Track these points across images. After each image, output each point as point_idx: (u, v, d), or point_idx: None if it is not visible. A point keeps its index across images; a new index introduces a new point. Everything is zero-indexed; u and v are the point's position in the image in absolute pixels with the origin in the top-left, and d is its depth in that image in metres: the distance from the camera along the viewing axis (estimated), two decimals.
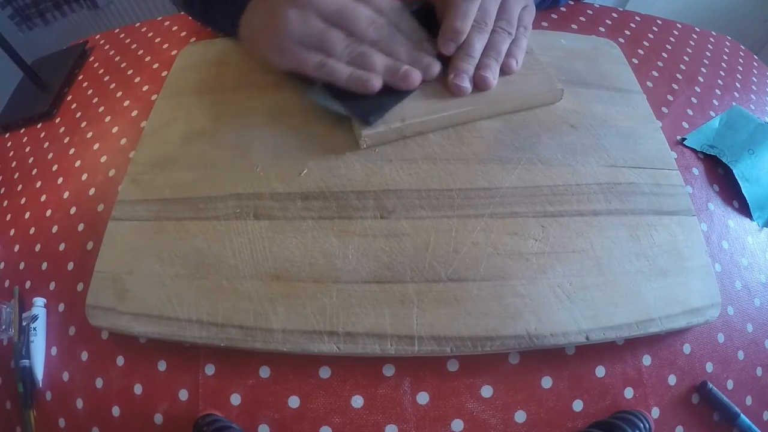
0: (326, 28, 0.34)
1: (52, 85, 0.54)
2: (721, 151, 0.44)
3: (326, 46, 0.35)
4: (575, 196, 0.36)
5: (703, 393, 0.34)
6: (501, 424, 0.32)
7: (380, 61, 0.35)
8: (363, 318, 0.32)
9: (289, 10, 0.34)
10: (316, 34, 0.34)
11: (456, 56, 0.39)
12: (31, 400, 0.36)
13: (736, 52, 0.57)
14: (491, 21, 0.38)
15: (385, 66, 0.35)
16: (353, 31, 0.35)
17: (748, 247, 0.40)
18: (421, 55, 0.37)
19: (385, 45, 0.36)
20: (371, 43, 0.35)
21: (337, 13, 0.34)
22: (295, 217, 0.35)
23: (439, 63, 0.37)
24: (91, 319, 0.34)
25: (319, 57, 0.35)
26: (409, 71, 0.35)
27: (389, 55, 0.36)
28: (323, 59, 0.35)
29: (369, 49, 0.35)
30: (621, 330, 0.32)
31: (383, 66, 0.35)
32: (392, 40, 0.36)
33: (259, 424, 0.33)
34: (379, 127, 0.37)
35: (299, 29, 0.34)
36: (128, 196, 0.38)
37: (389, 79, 0.36)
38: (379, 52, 0.36)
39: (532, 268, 0.33)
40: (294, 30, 0.34)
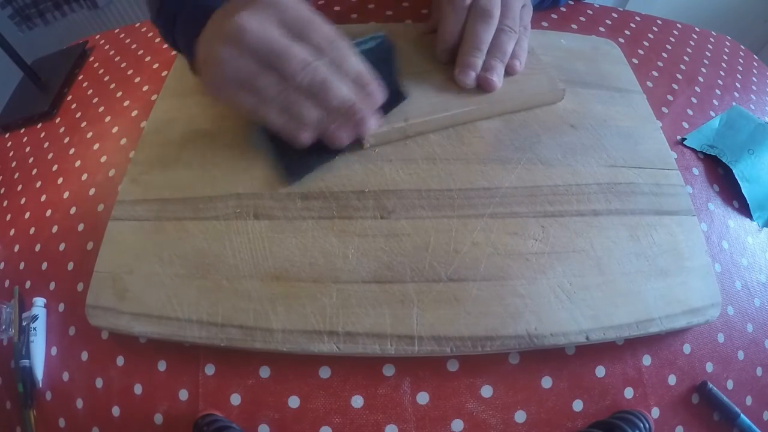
0: (258, 71, 0.31)
1: (52, 85, 0.54)
2: (721, 151, 0.44)
3: (258, 90, 0.32)
4: (575, 196, 0.36)
5: (703, 393, 0.34)
6: (501, 424, 0.32)
7: (309, 114, 0.33)
8: (363, 318, 0.32)
9: (223, 49, 0.31)
10: (248, 77, 0.31)
11: (462, 50, 0.38)
12: (31, 400, 0.36)
13: (736, 52, 0.57)
14: (497, 15, 0.38)
15: (315, 120, 0.33)
16: (284, 74, 0.31)
17: (748, 247, 0.40)
18: (356, 108, 0.33)
19: (317, 92, 0.32)
20: (304, 88, 0.32)
21: (268, 53, 0.31)
22: (295, 217, 0.35)
23: (377, 117, 0.35)
24: (91, 319, 0.34)
25: (252, 100, 0.33)
26: (334, 132, 0.34)
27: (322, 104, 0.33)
28: (256, 103, 0.33)
29: (299, 98, 0.32)
30: (621, 330, 0.32)
31: (312, 120, 0.33)
32: (324, 87, 0.32)
33: (259, 424, 0.33)
34: (381, 127, 0.37)
35: (232, 70, 0.31)
36: (128, 196, 0.38)
37: (320, 135, 0.34)
38: (311, 103, 0.32)
39: (532, 268, 0.33)
40: (227, 70, 0.32)
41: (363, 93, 0.33)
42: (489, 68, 0.38)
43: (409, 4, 0.53)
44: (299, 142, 0.34)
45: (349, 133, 0.34)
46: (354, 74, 0.33)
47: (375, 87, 0.34)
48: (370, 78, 0.34)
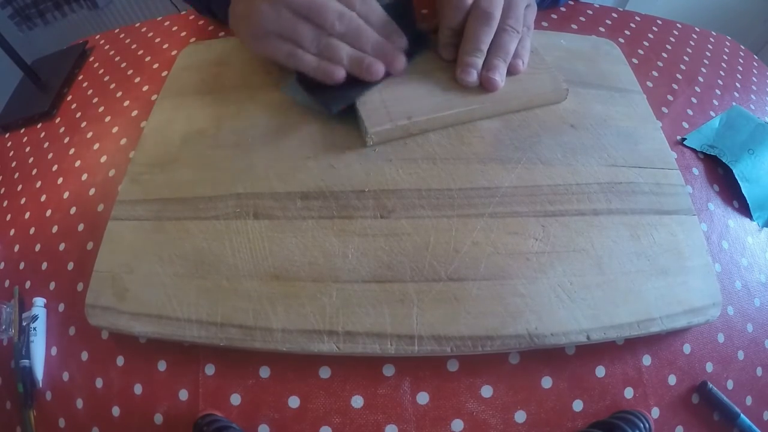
0: (296, 20, 0.36)
1: (52, 85, 0.54)
2: (721, 151, 0.44)
3: (295, 38, 0.36)
4: (575, 195, 0.36)
5: (703, 393, 0.34)
6: (501, 424, 0.32)
7: (345, 53, 0.37)
8: (363, 317, 0.32)
9: (262, 4, 0.36)
10: (286, 26, 0.36)
11: (463, 51, 0.39)
12: (31, 400, 0.36)
13: (736, 52, 0.57)
14: (498, 15, 0.38)
15: (350, 57, 0.37)
16: (321, 24, 0.36)
17: (748, 247, 0.40)
18: (387, 48, 0.38)
19: (352, 38, 0.37)
20: (339, 35, 0.37)
21: (307, 7, 0.35)
22: (295, 216, 0.35)
23: (404, 56, 0.39)
24: (91, 319, 0.34)
25: (288, 47, 0.37)
26: (372, 63, 0.37)
27: (356, 48, 0.37)
28: (292, 49, 0.37)
29: (335, 41, 0.37)
30: (622, 329, 0.32)
31: (348, 57, 0.37)
32: (359, 33, 0.37)
33: (259, 424, 0.33)
34: (385, 125, 0.37)
35: (271, 21, 0.36)
36: (128, 196, 0.38)
37: (354, 70, 0.37)
38: (345, 44, 0.37)
39: (533, 268, 0.33)
40: (266, 22, 0.36)
41: (390, 39, 0.38)
42: (491, 67, 0.39)
43: None
44: (334, 77, 0.37)
45: (382, 66, 0.37)
46: (380, 24, 0.38)
47: (400, 34, 0.39)
48: (395, 27, 0.39)
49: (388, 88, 0.39)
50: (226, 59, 0.46)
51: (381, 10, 0.39)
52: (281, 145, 0.39)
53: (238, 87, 0.43)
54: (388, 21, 0.39)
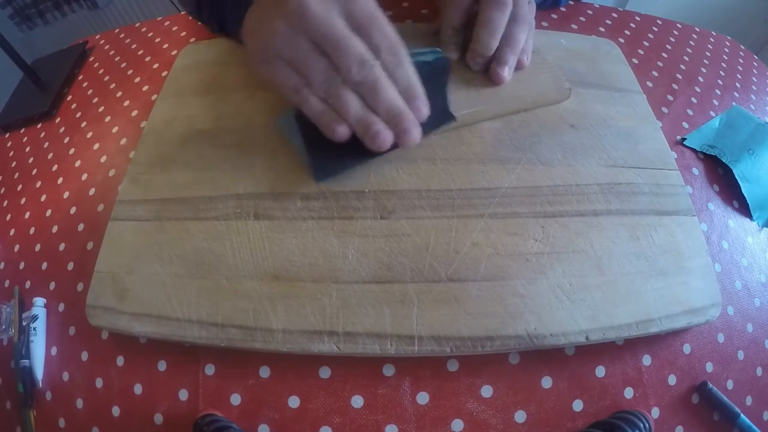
0: (310, 52, 0.31)
1: (52, 85, 0.54)
2: (721, 151, 0.44)
3: (305, 72, 0.31)
4: (575, 196, 0.36)
5: (703, 393, 0.34)
6: (501, 424, 0.32)
7: (354, 110, 0.32)
8: (363, 318, 0.32)
9: (279, 22, 0.30)
10: (299, 56, 0.31)
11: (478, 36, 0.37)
12: (31, 400, 0.36)
13: (736, 52, 0.57)
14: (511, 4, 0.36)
15: (358, 117, 0.32)
16: (338, 64, 0.31)
17: (748, 247, 0.40)
18: (403, 116, 0.32)
19: (367, 91, 0.31)
20: (354, 84, 0.31)
21: (327, 40, 0.30)
22: (295, 217, 0.35)
23: (420, 130, 0.33)
24: (91, 319, 0.34)
25: (296, 80, 0.32)
26: (379, 131, 0.32)
27: (369, 104, 0.32)
28: (299, 85, 0.32)
29: (347, 92, 0.31)
30: (621, 330, 0.32)
31: (356, 116, 0.32)
32: (376, 88, 0.31)
33: (259, 424, 0.33)
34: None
35: (283, 45, 0.31)
36: (128, 196, 0.38)
37: (358, 131, 0.32)
38: (358, 99, 0.32)
39: (532, 268, 0.33)
40: (278, 44, 0.31)
41: (410, 105, 0.33)
42: (502, 61, 0.37)
43: (409, 4, 0.52)
44: (335, 134, 0.32)
45: (391, 137, 0.32)
46: (405, 83, 0.32)
47: (423, 102, 0.33)
48: (420, 91, 0.33)
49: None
50: (226, 59, 0.46)
51: (410, 67, 0.32)
52: (281, 146, 0.39)
53: (238, 87, 0.43)
54: (414, 82, 0.33)
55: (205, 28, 0.52)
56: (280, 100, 0.41)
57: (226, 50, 0.47)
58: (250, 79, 0.44)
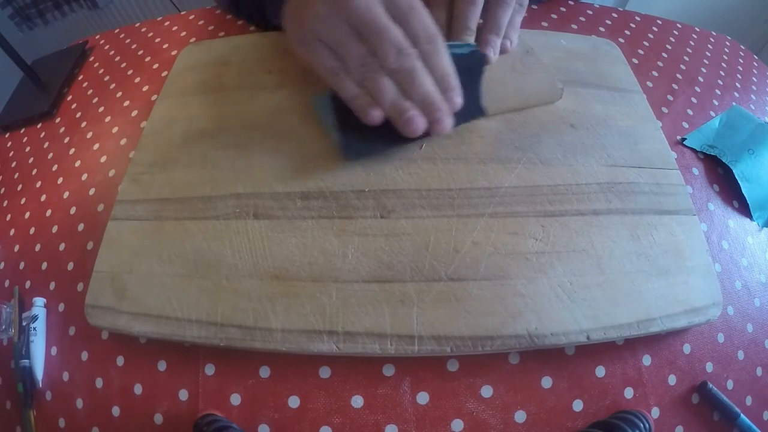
0: (350, 37, 0.32)
1: (52, 85, 0.54)
2: (721, 151, 0.44)
3: (343, 55, 0.32)
4: (575, 195, 0.36)
5: (703, 393, 0.34)
6: (501, 424, 0.32)
7: (389, 95, 0.32)
8: (363, 317, 0.32)
9: (321, 5, 0.31)
10: (338, 39, 0.32)
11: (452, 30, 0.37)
12: (31, 400, 0.36)
13: (736, 52, 0.57)
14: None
15: (393, 102, 0.33)
16: (376, 50, 0.31)
17: (748, 247, 0.40)
18: (437, 105, 0.33)
19: (403, 79, 0.32)
20: (390, 71, 0.32)
21: (367, 27, 0.31)
22: (295, 216, 0.35)
23: (452, 120, 0.34)
24: (91, 319, 0.34)
25: (333, 63, 0.33)
26: (413, 117, 0.32)
27: (404, 91, 0.33)
28: (337, 67, 0.33)
29: (383, 77, 0.32)
30: (622, 329, 0.32)
31: (391, 101, 0.32)
32: (413, 76, 0.32)
33: (259, 424, 0.33)
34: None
35: (323, 27, 0.32)
36: (128, 195, 0.38)
37: (392, 116, 0.33)
38: (393, 85, 0.32)
39: (533, 268, 0.33)
40: (318, 26, 0.32)
41: (444, 95, 0.33)
42: (486, 43, 0.37)
43: None
44: (368, 117, 0.33)
45: (424, 124, 0.33)
46: (441, 73, 0.33)
47: (457, 92, 0.34)
48: (455, 82, 0.34)
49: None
50: (226, 59, 0.46)
51: (446, 58, 0.33)
52: (281, 145, 0.39)
53: (238, 87, 0.43)
54: (450, 73, 0.33)
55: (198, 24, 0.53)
56: (281, 100, 0.41)
57: (226, 50, 0.47)
58: (250, 79, 0.44)
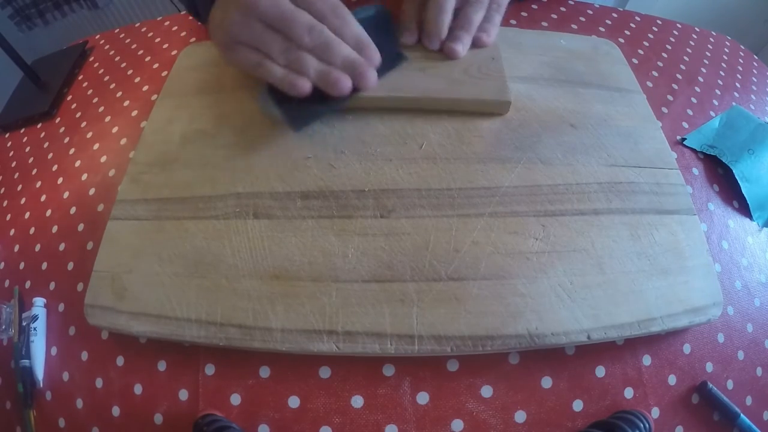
0: (265, 31, 0.35)
1: (52, 85, 0.54)
2: (721, 151, 0.44)
3: (264, 49, 0.36)
4: (576, 195, 0.36)
5: (703, 393, 0.34)
6: (501, 424, 0.32)
7: (312, 66, 0.36)
8: (362, 317, 0.32)
9: (235, 13, 0.35)
10: (256, 36, 0.35)
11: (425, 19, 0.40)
12: (31, 400, 0.36)
13: (736, 52, 0.57)
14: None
15: (317, 71, 0.36)
16: (291, 36, 0.35)
17: (748, 247, 0.40)
18: (357, 62, 0.36)
19: (322, 51, 0.36)
20: (308, 49, 0.36)
21: (277, 18, 0.35)
22: (295, 216, 0.35)
23: (375, 72, 0.37)
24: (90, 319, 0.34)
25: (257, 57, 0.36)
26: (338, 77, 0.35)
27: (325, 62, 0.36)
28: (261, 59, 0.36)
29: (304, 54, 0.36)
30: (622, 329, 0.32)
31: (315, 71, 0.36)
32: (329, 46, 0.36)
33: (259, 424, 0.33)
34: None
35: (240, 30, 0.35)
36: (128, 195, 0.38)
37: (320, 84, 0.36)
38: (314, 58, 0.36)
39: (533, 267, 0.33)
40: (237, 31, 0.36)
41: (362, 54, 0.37)
42: (454, 38, 0.40)
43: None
44: (297, 89, 0.35)
45: (349, 81, 0.36)
46: (354, 38, 0.37)
47: (373, 49, 0.37)
48: (369, 41, 0.37)
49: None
50: None
51: (355, 24, 0.37)
52: (281, 145, 0.39)
53: (238, 87, 0.43)
54: (362, 35, 0.37)
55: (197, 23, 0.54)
56: None
57: None
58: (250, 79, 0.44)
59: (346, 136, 0.39)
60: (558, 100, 0.42)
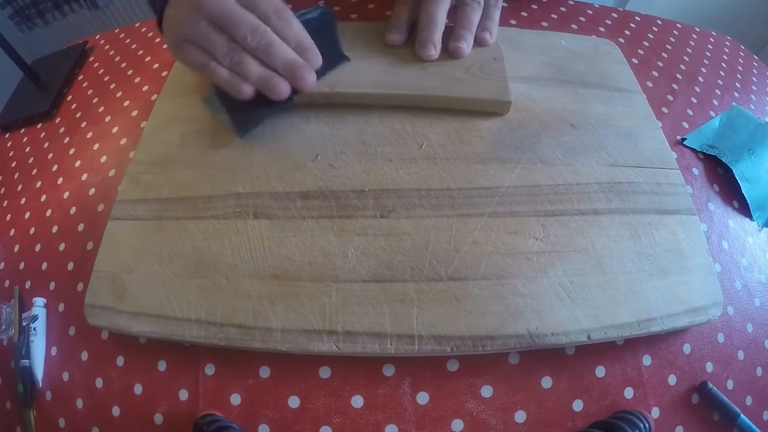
0: (211, 30, 0.35)
1: (52, 85, 0.54)
2: (721, 151, 0.44)
3: (209, 48, 0.36)
4: (576, 195, 0.36)
5: (703, 393, 0.34)
6: (501, 424, 0.32)
7: (254, 71, 0.36)
8: (362, 317, 0.32)
9: (183, 11, 0.36)
10: (202, 35, 0.35)
11: (419, 26, 0.41)
12: (31, 400, 0.36)
13: (736, 52, 0.57)
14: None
15: (258, 75, 0.36)
16: (234, 36, 0.35)
17: (748, 247, 0.40)
18: (297, 65, 0.36)
19: (263, 54, 0.36)
20: (251, 50, 0.36)
21: (222, 17, 0.35)
22: (295, 216, 0.35)
23: (313, 74, 0.37)
24: (90, 319, 0.34)
25: (202, 57, 0.36)
26: (277, 83, 0.36)
27: (267, 64, 0.36)
28: (206, 60, 0.36)
29: (245, 56, 0.36)
30: (622, 329, 0.32)
31: (256, 75, 0.36)
32: (270, 49, 0.36)
33: (259, 424, 0.33)
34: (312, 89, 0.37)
35: (189, 29, 0.36)
36: (128, 195, 0.38)
37: (261, 88, 0.36)
38: (256, 61, 0.36)
39: (533, 267, 0.33)
40: (185, 28, 0.36)
41: (303, 56, 0.37)
42: (457, 37, 0.40)
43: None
44: (240, 93, 0.36)
45: (287, 86, 0.36)
46: (296, 39, 0.37)
47: (314, 51, 0.38)
48: (310, 43, 0.38)
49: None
50: None
51: (298, 26, 0.37)
52: (281, 145, 0.39)
53: None
54: (304, 37, 0.37)
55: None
56: None
57: None
58: None
59: (346, 136, 0.39)
60: (558, 100, 0.42)
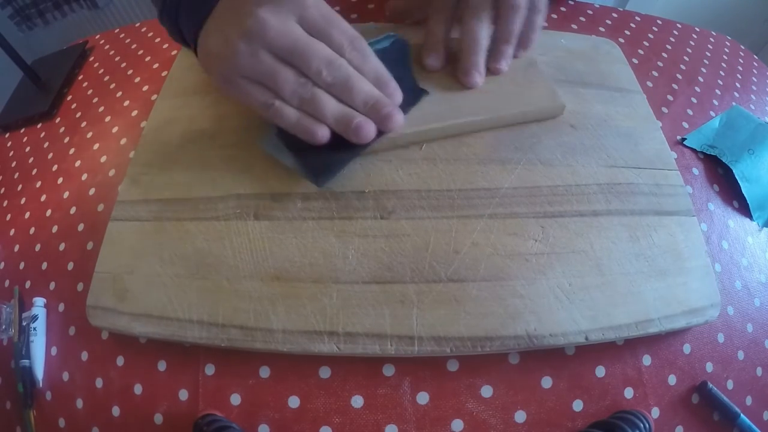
0: (276, 65, 0.31)
1: (52, 85, 0.54)
2: (721, 151, 0.44)
3: (274, 86, 0.31)
4: (575, 196, 0.36)
5: (703, 393, 0.34)
6: (501, 424, 0.32)
7: (331, 110, 0.32)
8: (363, 318, 0.32)
9: (240, 43, 0.30)
10: (265, 71, 0.31)
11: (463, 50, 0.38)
12: (31, 400, 0.36)
13: (736, 52, 0.57)
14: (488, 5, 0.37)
15: (336, 114, 0.32)
16: (306, 71, 0.31)
17: (748, 247, 0.40)
18: (381, 103, 0.32)
19: (341, 89, 0.32)
20: (325, 86, 0.31)
21: (291, 50, 0.30)
22: (296, 217, 0.35)
23: (401, 113, 0.33)
24: (91, 320, 0.34)
25: (266, 96, 0.32)
26: (362, 123, 0.32)
27: (344, 101, 0.32)
28: (271, 99, 0.32)
29: (321, 93, 0.31)
30: (620, 330, 0.32)
31: (334, 115, 0.32)
32: (349, 84, 0.32)
33: (259, 424, 0.33)
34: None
35: (247, 64, 0.31)
36: (128, 196, 0.38)
37: (340, 129, 0.32)
38: (332, 98, 0.32)
39: (532, 269, 0.33)
40: (242, 64, 0.31)
41: (384, 92, 0.33)
42: (499, 56, 0.38)
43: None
44: (316, 138, 0.32)
45: (373, 127, 0.33)
46: (374, 74, 0.33)
47: (395, 86, 0.34)
48: (389, 78, 0.34)
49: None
50: None
51: (375, 58, 0.33)
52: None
53: None
54: (383, 71, 0.33)
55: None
56: None
57: None
58: None
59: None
60: None
